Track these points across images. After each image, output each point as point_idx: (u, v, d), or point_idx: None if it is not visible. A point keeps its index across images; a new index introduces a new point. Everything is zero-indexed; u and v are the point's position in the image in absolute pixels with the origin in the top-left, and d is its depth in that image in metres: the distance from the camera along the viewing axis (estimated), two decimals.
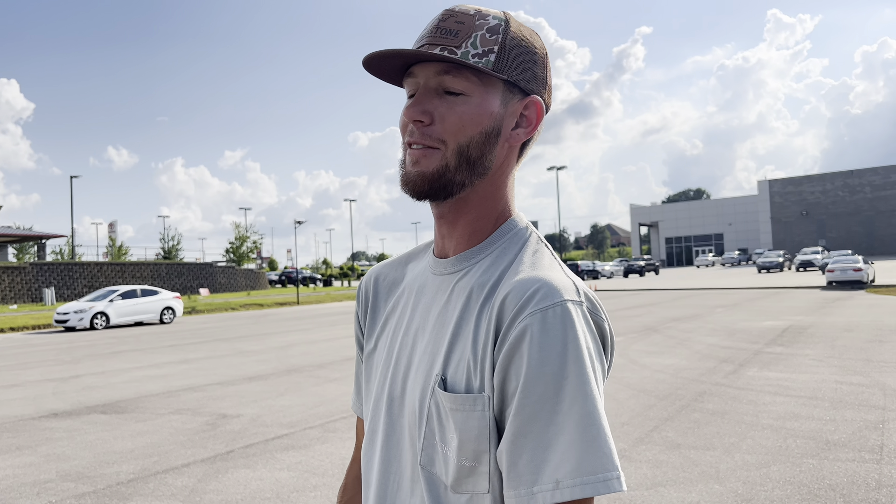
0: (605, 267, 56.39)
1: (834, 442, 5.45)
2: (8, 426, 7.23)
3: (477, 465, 0.82)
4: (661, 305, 21.29)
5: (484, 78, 0.87)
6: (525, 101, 0.91)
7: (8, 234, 46.40)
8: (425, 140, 0.87)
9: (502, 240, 0.92)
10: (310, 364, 11.14)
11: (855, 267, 26.73)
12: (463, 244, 0.93)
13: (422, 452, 0.87)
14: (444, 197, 0.89)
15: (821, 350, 10.42)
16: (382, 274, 1.08)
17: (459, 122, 0.87)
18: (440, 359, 0.87)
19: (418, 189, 0.89)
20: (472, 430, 0.81)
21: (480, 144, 0.88)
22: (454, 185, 0.88)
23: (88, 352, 14.78)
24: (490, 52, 0.86)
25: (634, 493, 4.44)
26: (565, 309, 0.79)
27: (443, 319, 0.90)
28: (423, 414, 0.87)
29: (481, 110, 0.87)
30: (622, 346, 11.71)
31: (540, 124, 0.93)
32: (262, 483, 4.97)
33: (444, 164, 0.87)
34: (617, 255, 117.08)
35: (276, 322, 21.79)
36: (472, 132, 0.87)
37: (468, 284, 0.89)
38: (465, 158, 0.88)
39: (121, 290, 23.43)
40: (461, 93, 0.87)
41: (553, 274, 0.84)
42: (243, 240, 59.28)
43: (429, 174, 0.88)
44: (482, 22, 0.87)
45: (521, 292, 0.81)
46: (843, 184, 70.22)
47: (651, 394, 7.54)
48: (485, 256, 0.91)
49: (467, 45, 0.86)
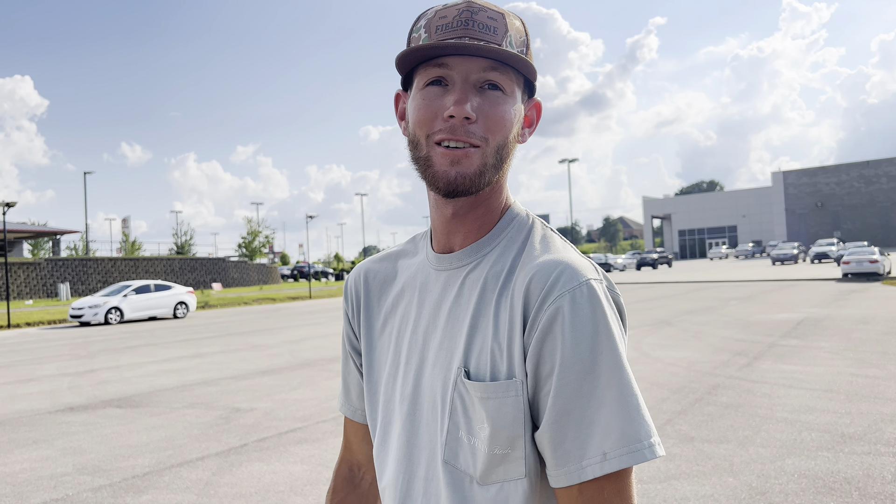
0: (617, 260, 56.18)
1: (849, 435, 5.41)
2: (25, 420, 7.31)
3: (510, 452, 0.82)
4: (674, 298, 21.20)
5: (517, 77, 0.87)
6: (533, 103, 0.94)
7: (23, 231, 46.83)
8: (470, 138, 0.84)
9: (507, 229, 0.92)
10: (322, 358, 11.18)
11: (871, 258, 26.49)
12: (471, 238, 0.93)
13: (445, 448, 0.87)
14: (468, 194, 0.87)
15: (836, 342, 10.34)
16: (372, 271, 1.05)
17: (503, 120, 0.85)
18: (459, 351, 0.87)
19: (461, 190, 0.85)
20: (506, 416, 0.82)
21: (511, 143, 0.88)
22: (484, 183, 0.86)
23: (103, 346, 14.91)
24: (525, 50, 0.87)
25: (648, 487, 4.43)
26: (591, 287, 0.81)
27: (456, 313, 0.90)
28: (444, 409, 0.87)
29: (517, 109, 0.88)
30: (635, 338, 11.67)
31: None
32: (275, 476, 5.00)
33: (484, 163, 0.85)
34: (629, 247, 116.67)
35: (289, 316, 21.88)
36: (509, 130, 0.86)
37: (480, 276, 0.89)
38: (500, 157, 0.87)
39: (134, 285, 23.60)
40: (503, 90, 0.85)
41: (571, 255, 0.85)
42: (255, 234, 59.56)
43: (471, 174, 0.85)
44: (511, 20, 0.87)
45: (545, 276, 0.82)
46: (859, 174, 69.54)
47: (664, 387, 7.51)
48: (493, 248, 0.91)
49: (507, 44, 0.85)
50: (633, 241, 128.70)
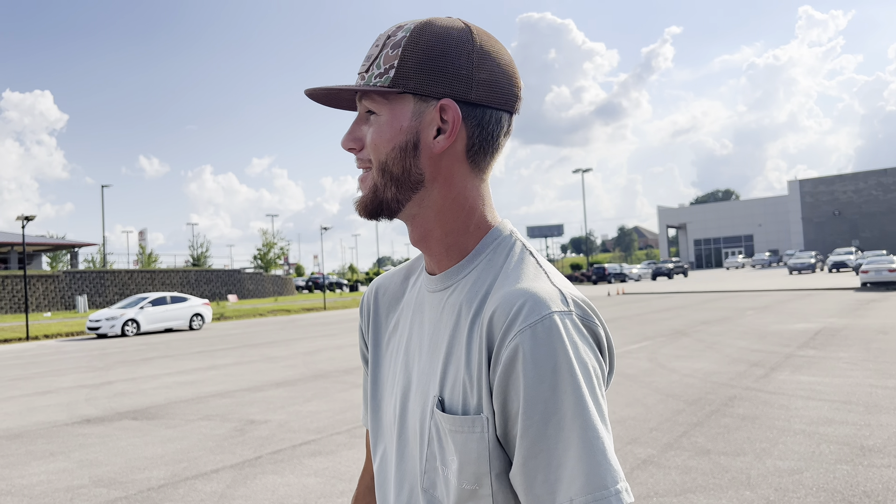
0: (632, 270, 55.94)
1: (869, 447, 5.33)
2: (42, 432, 7.37)
3: (478, 489, 0.80)
4: (689, 308, 21.04)
5: (389, 95, 0.87)
6: (434, 107, 0.86)
7: (42, 244, 47.40)
8: (362, 164, 0.91)
9: (486, 251, 0.90)
10: (336, 370, 11.19)
11: (890, 267, 26.19)
12: (444, 261, 0.92)
13: (424, 476, 0.86)
14: (390, 216, 0.91)
15: (855, 353, 10.21)
16: (383, 287, 1.07)
17: (373, 141, 0.88)
18: (436, 379, 0.86)
19: (364, 210, 0.92)
20: (471, 453, 0.80)
21: (398, 160, 0.87)
22: (389, 202, 0.89)
23: (120, 358, 15.01)
24: (390, 69, 0.86)
25: (664, 500, 4.38)
26: (552, 322, 0.77)
27: (436, 338, 0.89)
28: (423, 436, 0.87)
29: (390, 127, 0.87)
30: (650, 349, 11.59)
31: (460, 126, 0.86)
32: (289, 489, 5.00)
33: (374, 184, 0.89)
34: (644, 257, 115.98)
35: (303, 328, 21.94)
36: (386, 149, 0.87)
37: (457, 301, 0.88)
38: (389, 175, 0.88)
39: (151, 297, 23.78)
40: (377, 113, 0.88)
41: (537, 284, 0.82)
42: (270, 246, 59.87)
43: (366, 193, 0.91)
44: (391, 39, 0.88)
45: (507, 309, 0.79)
46: (877, 182, 68.81)
47: (680, 398, 7.45)
48: (471, 271, 0.89)
49: (373, 68, 0.88)
50: (648, 251, 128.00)
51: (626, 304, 25.37)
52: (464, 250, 0.91)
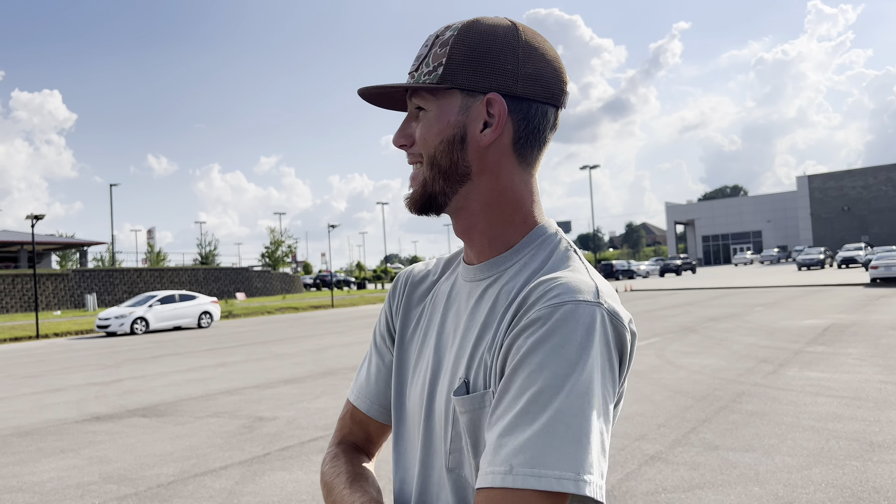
0: (640, 266, 55.78)
1: (878, 443, 5.31)
2: (53, 430, 7.42)
3: None
4: (698, 305, 20.98)
5: (437, 92, 0.91)
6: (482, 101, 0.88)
7: (51, 242, 47.67)
8: (413, 159, 0.95)
9: (531, 246, 0.92)
10: (344, 367, 11.22)
11: None
12: (486, 252, 0.94)
13: (449, 456, 0.89)
14: (438, 211, 0.94)
15: (864, 349, 10.16)
16: (420, 273, 1.10)
17: (422, 136, 0.92)
18: (464, 363, 0.89)
19: (413, 205, 0.95)
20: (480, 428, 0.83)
21: (446, 153, 0.90)
22: (437, 196, 0.93)
23: (129, 356, 15.09)
24: (438, 66, 0.90)
25: (672, 496, 4.38)
26: (580, 306, 0.77)
27: (469, 325, 0.92)
28: (448, 417, 0.89)
29: (438, 121, 0.90)
30: (658, 346, 11.57)
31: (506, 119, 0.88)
32: (298, 485, 5.02)
33: (424, 178, 0.93)
34: (652, 254, 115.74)
35: (311, 325, 21.99)
36: (434, 142, 0.91)
37: (496, 291, 0.91)
38: (437, 168, 0.91)
39: (159, 295, 23.88)
40: (426, 109, 0.92)
41: (576, 275, 0.83)
42: (278, 244, 59.99)
43: (416, 189, 0.94)
44: (439, 38, 0.91)
45: (541, 290, 0.81)
46: (887, 178, 68.39)
47: (688, 395, 7.43)
48: (513, 263, 0.92)
49: (423, 66, 0.92)
50: (656, 248, 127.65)
51: (634, 300, 25.32)
52: (507, 243, 0.93)
